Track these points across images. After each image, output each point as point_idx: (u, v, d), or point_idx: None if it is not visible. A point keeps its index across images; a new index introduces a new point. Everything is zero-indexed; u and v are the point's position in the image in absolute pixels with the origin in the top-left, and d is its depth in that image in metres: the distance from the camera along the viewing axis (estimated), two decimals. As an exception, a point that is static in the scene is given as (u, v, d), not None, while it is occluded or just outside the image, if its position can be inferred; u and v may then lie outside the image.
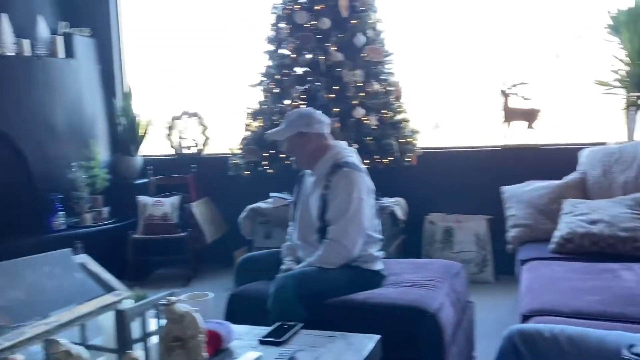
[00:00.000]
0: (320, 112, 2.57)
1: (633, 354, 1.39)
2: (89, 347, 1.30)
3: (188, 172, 4.49)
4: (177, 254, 4.29)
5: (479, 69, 4.35)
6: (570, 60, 4.19)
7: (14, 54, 4.09)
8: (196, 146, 4.75)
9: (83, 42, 4.56)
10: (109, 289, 1.28)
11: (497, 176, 3.75)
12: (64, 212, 4.12)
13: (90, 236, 4.10)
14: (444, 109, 4.64)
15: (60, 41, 4.34)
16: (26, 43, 4.14)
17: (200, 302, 1.77)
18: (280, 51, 3.80)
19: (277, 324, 1.83)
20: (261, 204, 3.88)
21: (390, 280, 2.46)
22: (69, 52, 4.41)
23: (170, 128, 4.78)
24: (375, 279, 2.43)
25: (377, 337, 1.71)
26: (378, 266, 2.47)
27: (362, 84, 3.60)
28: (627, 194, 2.90)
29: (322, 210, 2.40)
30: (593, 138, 3.90)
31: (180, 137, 4.77)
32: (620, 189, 2.98)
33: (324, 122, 2.52)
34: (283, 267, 2.47)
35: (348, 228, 2.32)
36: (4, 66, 4.04)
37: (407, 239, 4.13)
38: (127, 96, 4.72)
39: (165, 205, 4.34)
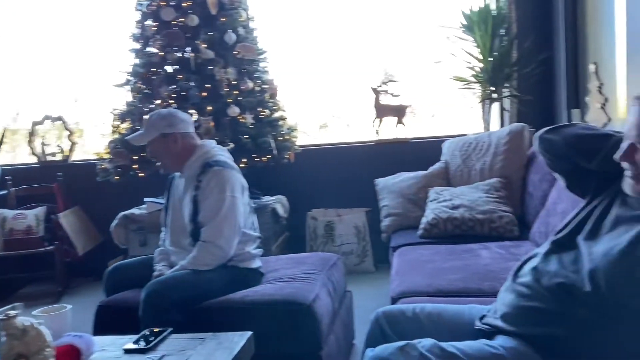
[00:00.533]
0: (189, 110, 2.50)
1: (484, 323, 1.50)
2: None
3: (53, 180, 4.16)
4: (45, 269, 3.96)
5: (352, 67, 4.51)
6: (434, 58, 4.47)
7: None
8: (62, 152, 4.42)
9: None
10: None
11: (372, 170, 3.90)
12: None
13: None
14: (321, 107, 4.76)
15: None
16: None
17: (55, 316, 1.64)
18: (147, 49, 3.64)
19: (143, 331, 1.74)
20: (134, 210, 3.70)
21: (269, 277, 2.46)
22: None
23: (32, 134, 4.40)
24: (253, 277, 2.41)
25: (249, 333, 1.69)
26: (255, 264, 2.45)
27: (235, 82, 3.56)
28: (484, 180, 3.15)
29: (194, 212, 2.33)
30: (455, 130, 4.19)
31: (43, 144, 4.40)
32: (477, 175, 3.23)
33: (187, 122, 2.45)
34: (155, 273, 2.36)
35: (222, 228, 2.28)
36: None
37: (291, 236, 4.16)
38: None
39: (29, 218, 3.99)
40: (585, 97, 3.39)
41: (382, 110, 4.13)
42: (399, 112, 4.13)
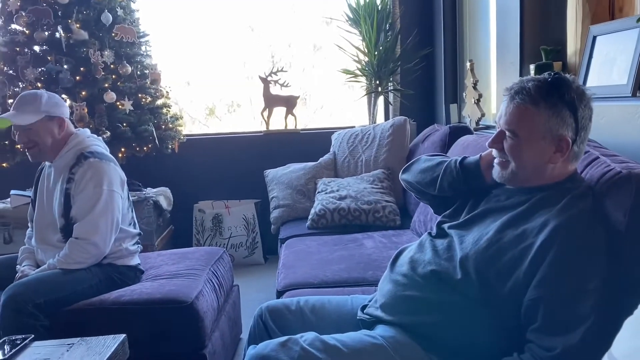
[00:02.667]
0: (61, 95, 2.29)
1: (365, 314, 1.52)
2: None
3: None
4: None
5: (241, 56, 4.41)
6: (326, 49, 4.51)
7: None
8: None
9: None
10: None
11: (262, 160, 3.86)
12: None
13: None
14: (208, 95, 4.61)
15: None
16: None
17: None
18: (11, 26, 3.27)
19: (1, 339, 1.56)
20: (-2, 204, 3.34)
21: (149, 275, 2.34)
22: None
23: None
24: (131, 275, 2.27)
25: (122, 336, 1.57)
26: (134, 261, 2.31)
27: (113, 66, 3.32)
28: (369, 171, 3.23)
29: (66, 206, 2.14)
30: (344, 122, 4.27)
31: None
32: (363, 166, 3.30)
33: (66, 107, 2.26)
34: (18, 274, 2.14)
35: (98, 224, 2.11)
36: None
37: (176, 230, 4.00)
38: None
39: None
40: (462, 92, 3.59)
41: (272, 100, 4.08)
42: (288, 102, 4.10)
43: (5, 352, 1.48)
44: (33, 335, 1.59)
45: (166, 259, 2.51)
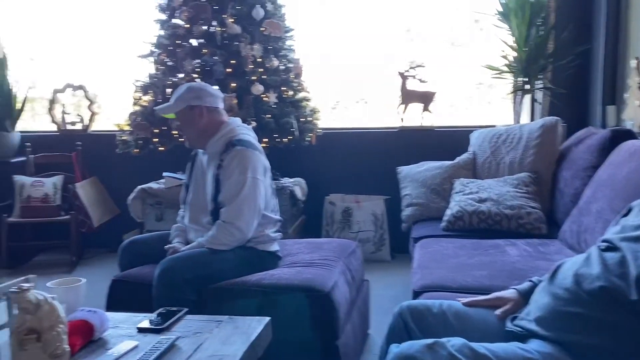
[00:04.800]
0: (213, 86, 2.42)
1: (516, 325, 1.42)
2: None
3: (72, 150, 4.12)
4: (60, 238, 3.95)
5: (379, 51, 4.38)
6: (466, 45, 4.33)
7: None
8: (82, 122, 4.38)
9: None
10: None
11: (394, 157, 3.81)
12: None
13: (-46, 220, 3.66)
14: (344, 89, 4.65)
15: None
16: None
17: (70, 289, 1.59)
18: (173, 21, 3.56)
19: (159, 310, 1.69)
20: (152, 185, 3.65)
21: (286, 261, 2.40)
22: None
23: (52, 102, 4.37)
24: (270, 260, 2.35)
25: (267, 319, 1.63)
26: (273, 247, 2.39)
27: (261, 60, 3.47)
28: (513, 174, 3.04)
29: (216, 191, 2.27)
30: (484, 121, 4.07)
31: (64, 112, 4.37)
32: (506, 168, 3.12)
33: (217, 97, 2.38)
34: (169, 248, 2.31)
35: (242, 209, 2.21)
36: None
37: (307, 220, 4.10)
38: (0, 65, 4.22)
39: (46, 186, 3.97)
40: (624, 93, 3.24)
41: (409, 96, 4.01)
42: (425, 98, 4.01)
43: (164, 320, 1.60)
44: (187, 309, 1.70)
45: (302, 248, 2.57)
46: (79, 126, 4.38)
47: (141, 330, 1.55)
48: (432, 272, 2.16)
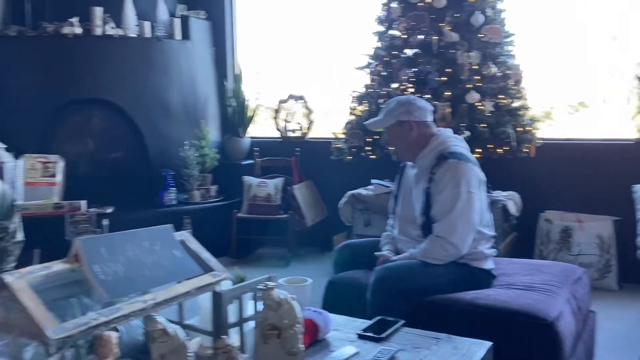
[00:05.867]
0: (421, 99, 2.40)
1: None
2: (185, 327, 1.28)
3: (292, 155, 4.49)
4: (278, 235, 4.33)
5: (607, 54, 3.90)
6: None
7: (135, 36, 4.30)
8: (300, 129, 4.75)
9: (199, 25, 4.69)
10: (207, 269, 1.24)
11: (628, 173, 3.35)
12: (175, 188, 4.29)
13: (198, 212, 4.26)
14: (565, 97, 4.23)
15: (177, 23, 4.50)
16: (147, 25, 4.33)
17: (299, 288, 1.71)
18: (390, 32, 3.64)
19: (377, 318, 1.72)
20: (362, 191, 3.78)
21: (501, 281, 2.27)
22: (185, 34, 4.56)
23: (277, 111, 4.82)
24: (484, 279, 2.24)
25: (488, 344, 1.55)
26: (488, 265, 2.27)
27: (477, 67, 3.35)
28: None
29: (426, 205, 2.23)
30: None
31: (286, 120, 4.79)
32: None
33: (426, 109, 2.34)
34: (379, 255, 2.34)
35: (456, 225, 2.14)
36: (126, 47, 4.27)
37: (519, 237, 3.83)
38: (237, 78, 4.81)
39: (269, 187, 4.38)
40: None
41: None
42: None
43: (382, 330, 1.63)
44: (404, 321, 1.71)
45: (518, 268, 2.40)
46: (298, 133, 4.75)
47: (361, 337, 1.60)
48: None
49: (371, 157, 3.68)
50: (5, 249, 2.87)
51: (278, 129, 4.81)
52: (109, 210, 3.97)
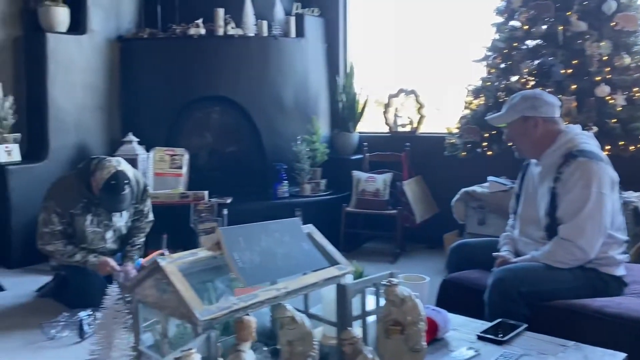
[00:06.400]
0: (548, 93, 2.27)
1: None
2: (310, 316, 1.33)
3: (401, 150, 4.46)
4: (386, 230, 4.32)
5: None
6: None
7: (253, 35, 4.49)
8: (411, 124, 4.70)
9: (312, 22, 4.80)
10: (332, 261, 1.28)
11: None
12: (287, 181, 4.44)
13: (308, 205, 4.37)
14: None
15: (292, 21, 4.63)
16: (264, 24, 4.51)
17: (417, 286, 1.71)
18: (510, 23, 3.48)
19: (497, 320, 1.68)
20: (476, 188, 3.66)
21: (633, 290, 2.11)
22: (300, 32, 4.68)
23: (387, 106, 4.80)
24: (614, 286, 2.10)
25: (622, 355, 1.45)
26: (619, 271, 2.12)
27: (607, 58, 3.10)
28: None
29: (551, 205, 2.12)
30: None
31: (396, 115, 4.76)
32: None
33: (554, 105, 2.21)
34: (497, 256, 2.26)
35: (585, 227, 2.02)
36: (244, 46, 4.48)
37: (651, 242, 3.51)
38: (349, 74, 4.86)
39: (378, 182, 4.39)
40: None
41: None
42: None
43: (504, 333, 1.58)
44: (526, 325, 1.64)
45: (654, 276, 2.21)
46: (408, 128, 4.71)
47: (481, 338, 1.56)
48: None
49: (488, 153, 3.55)
50: (139, 227, 3.24)
51: (387, 124, 4.80)
52: (229, 200, 4.21)
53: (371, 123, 5.01)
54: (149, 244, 3.90)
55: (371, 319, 1.34)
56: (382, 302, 1.30)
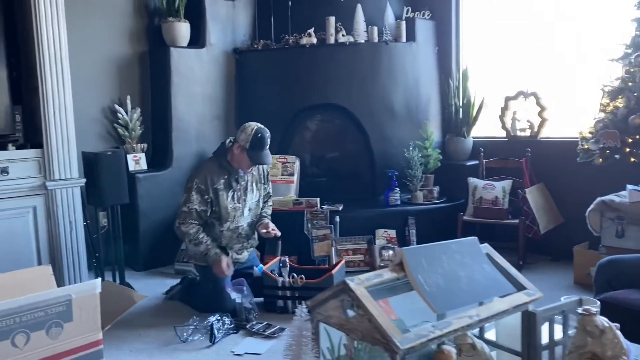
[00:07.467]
0: None
1: None
2: (487, 342, 1.24)
3: (521, 155, 4.22)
4: (506, 241, 4.09)
5: None
6: None
7: (364, 41, 4.46)
8: (531, 128, 4.43)
9: (423, 25, 4.68)
10: (519, 286, 1.18)
11: None
12: (398, 189, 4.35)
13: (421, 213, 4.26)
14: None
15: (403, 26, 4.54)
16: (375, 30, 4.46)
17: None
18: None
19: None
20: (614, 197, 3.36)
21: None
22: (410, 36, 4.58)
23: (504, 109, 4.57)
24: None
25: None
26: None
27: None
28: None
29: None
30: None
31: (514, 119, 4.51)
32: None
33: None
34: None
35: None
36: (355, 53, 4.45)
37: None
38: (463, 77, 4.68)
39: (496, 189, 4.18)
40: None
41: None
42: None
43: None
44: None
45: None
46: (527, 132, 4.45)
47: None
48: None
49: (631, 160, 3.25)
50: (266, 203, 3.56)
51: (504, 128, 4.56)
52: (340, 207, 4.19)
53: (485, 128, 4.79)
54: (265, 250, 3.98)
55: (558, 349, 1.22)
56: (571, 331, 1.18)
